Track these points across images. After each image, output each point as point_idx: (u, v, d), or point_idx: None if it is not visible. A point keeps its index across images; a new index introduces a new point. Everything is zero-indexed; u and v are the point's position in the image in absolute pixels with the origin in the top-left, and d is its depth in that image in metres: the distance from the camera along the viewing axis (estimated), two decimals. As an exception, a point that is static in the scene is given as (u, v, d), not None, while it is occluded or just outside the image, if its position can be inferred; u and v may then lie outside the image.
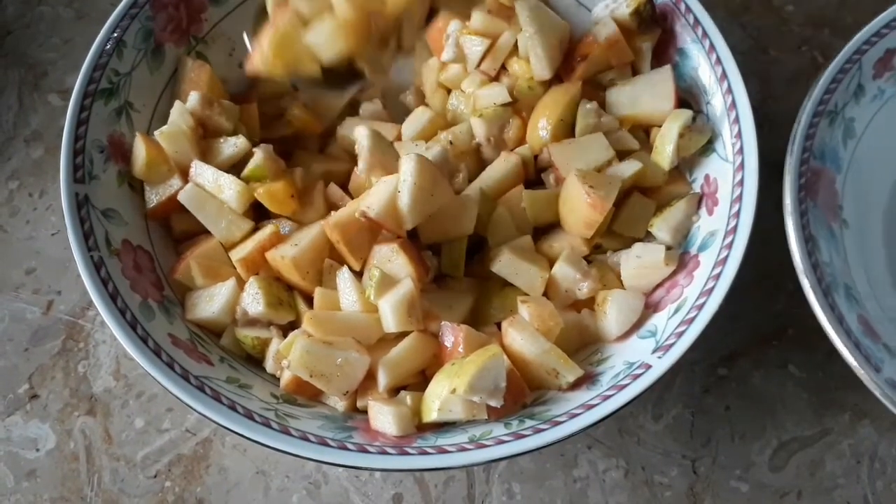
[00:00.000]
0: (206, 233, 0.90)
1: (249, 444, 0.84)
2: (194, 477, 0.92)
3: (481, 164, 0.96)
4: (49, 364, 0.98)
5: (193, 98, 0.92)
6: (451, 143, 0.94)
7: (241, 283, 0.87)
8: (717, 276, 0.82)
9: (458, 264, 0.90)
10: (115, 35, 0.91)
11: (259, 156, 0.89)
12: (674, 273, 0.87)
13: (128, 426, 0.95)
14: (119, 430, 0.95)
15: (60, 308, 1.01)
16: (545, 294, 0.88)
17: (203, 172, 0.89)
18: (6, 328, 1.00)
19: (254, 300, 0.85)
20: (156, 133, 0.89)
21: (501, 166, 0.93)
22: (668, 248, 0.88)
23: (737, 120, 0.87)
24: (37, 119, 1.13)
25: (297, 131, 1.00)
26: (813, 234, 0.75)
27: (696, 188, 0.92)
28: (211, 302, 0.87)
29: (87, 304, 1.01)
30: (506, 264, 0.87)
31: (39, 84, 1.15)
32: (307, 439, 0.76)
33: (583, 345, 0.88)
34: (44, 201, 1.08)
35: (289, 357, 0.80)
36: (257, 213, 0.92)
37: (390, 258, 0.84)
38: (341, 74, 0.91)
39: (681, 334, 0.80)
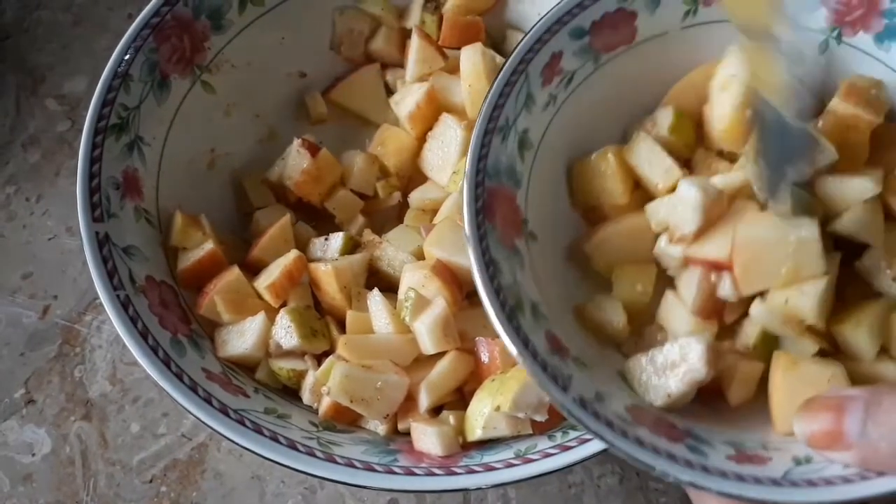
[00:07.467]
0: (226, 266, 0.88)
1: (244, 449, 0.84)
2: (190, 482, 0.92)
3: None
4: (45, 368, 0.98)
5: None
6: None
7: (270, 315, 0.85)
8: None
9: None
10: (121, 69, 0.88)
11: None
12: None
13: (124, 431, 0.95)
14: (115, 434, 0.95)
15: (57, 313, 1.01)
16: None
17: None
18: (2, 332, 1.00)
19: (287, 333, 0.83)
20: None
21: None
22: None
23: None
24: (34, 124, 1.13)
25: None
26: (494, 258, 0.69)
27: None
28: (242, 338, 0.85)
29: (83, 309, 1.01)
30: None
31: (37, 89, 1.15)
32: (353, 466, 0.74)
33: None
34: (40, 206, 1.08)
35: (328, 383, 0.78)
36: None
37: (423, 283, 0.82)
38: None
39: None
